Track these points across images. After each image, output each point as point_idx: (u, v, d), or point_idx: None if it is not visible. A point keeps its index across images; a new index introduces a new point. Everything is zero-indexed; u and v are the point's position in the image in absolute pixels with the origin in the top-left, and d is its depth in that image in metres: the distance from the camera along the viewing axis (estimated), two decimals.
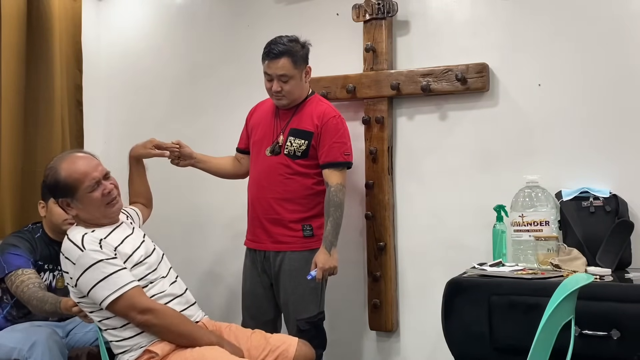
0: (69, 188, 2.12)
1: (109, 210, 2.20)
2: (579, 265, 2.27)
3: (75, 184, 2.12)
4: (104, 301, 2.03)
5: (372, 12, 2.92)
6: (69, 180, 2.12)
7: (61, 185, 2.13)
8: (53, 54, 3.18)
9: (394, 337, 2.97)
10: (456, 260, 2.69)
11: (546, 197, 2.50)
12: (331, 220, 2.57)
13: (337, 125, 2.64)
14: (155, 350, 2.06)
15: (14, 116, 3.01)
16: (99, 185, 2.16)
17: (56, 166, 2.16)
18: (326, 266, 2.52)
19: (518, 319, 2.11)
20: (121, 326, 2.09)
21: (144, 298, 2.08)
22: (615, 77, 2.58)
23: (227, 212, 3.33)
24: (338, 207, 2.58)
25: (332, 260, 2.54)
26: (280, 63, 2.57)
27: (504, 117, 2.76)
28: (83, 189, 2.13)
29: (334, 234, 2.57)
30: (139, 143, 2.63)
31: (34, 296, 2.42)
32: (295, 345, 2.26)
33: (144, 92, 3.60)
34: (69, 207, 2.17)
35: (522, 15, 2.74)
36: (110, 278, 2.03)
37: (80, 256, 2.05)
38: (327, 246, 2.54)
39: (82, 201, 2.14)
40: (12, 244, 2.62)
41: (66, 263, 2.09)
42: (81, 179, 2.13)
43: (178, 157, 2.76)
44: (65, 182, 2.12)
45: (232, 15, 3.37)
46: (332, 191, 2.58)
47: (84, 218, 2.18)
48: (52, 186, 2.16)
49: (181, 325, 2.10)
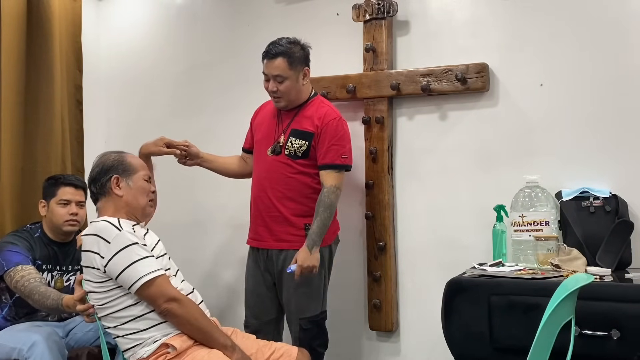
0: (132, 167, 2.29)
1: (148, 207, 2.32)
2: (579, 265, 2.27)
3: (136, 167, 2.31)
4: (135, 283, 2.04)
5: (372, 12, 2.92)
6: (133, 162, 2.31)
7: (125, 163, 2.29)
8: (53, 54, 3.18)
9: (394, 337, 2.98)
10: (456, 260, 2.69)
11: (546, 197, 2.50)
12: (318, 220, 2.57)
13: (336, 128, 2.64)
14: (173, 344, 2.06)
15: (14, 116, 3.01)
16: (148, 179, 2.34)
17: (118, 153, 2.34)
18: (304, 264, 2.52)
19: (518, 319, 2.11)
20: (134, 318, 2.09)
21: (172, 287, 2.13)
22: (615, 77, 2.58)
23: (229, 212, 3.33)
24: (327, 208, 2.58)
25: (311, 259, 2.54)
26: (276, 63, 2.59)
27: (504, 117, 2.76)
28: (140, 175, 2.30)
29: (318, 234, 2.57)
30: (149, 141, 2.66)
31: (35, 290, 2.41)
32: (296, 351, 2.30)
33: (144, 92, 3.60)
34: (117, 186, 2.25)
35: (522, 15, 2.74)
36: (143, 261, 2.08)
37: (118, 235, 2.09)
38: (309, 245, 2.55)
39: (135, 183, 2.27)
40: (10, 242, 2.62)
41: (99, 242, 2.09)
42: (142, 167, 2.34)
43: (185, 157, 2.78)
44: (130, 162, 2.30)
45: (232, 15, 3.37)
46: (324, 192, 2.59)
47: (126, 200, 2.25)
48: (115, 162, 2.28)
49: (202, 320, 2.13)
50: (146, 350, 2.08)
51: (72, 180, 2.76)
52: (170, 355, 2.06)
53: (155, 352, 2.07)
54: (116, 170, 2.26)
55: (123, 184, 2.25)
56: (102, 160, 2.30)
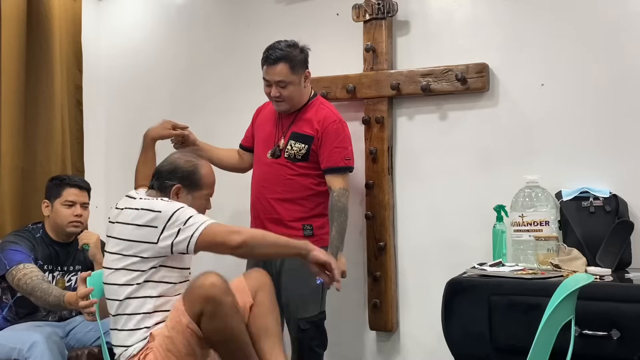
0: (200, 183, 2.29)
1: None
2: (579, 265, 2.27)
3: (205, 184, 2.31)
4: (199, 227, 2.04)
5: (372, 12, 2.92)
6: (205, 178, 2.31)
7: (196, 177, 2.29)
8: (53, 54, 3.18)
9: (394, 337, 2.98)
10: (456, 260, 2.69)
11: (546, 197, 2.50)
12: (336, 226, 2.57)
13: (337, 130, 2.64)
14: (153, 333, 2.08)
15: (14, 116, 3.01)
16: (209, 198, 2.36)
17: (196, 163, 2.32)
18: None
19: (518, 319, 2.10)
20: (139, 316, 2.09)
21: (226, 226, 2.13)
22: (615, 77, 2.58)
23: (229, 211, 3.32)
24: (342, 211, 2.58)
25: (339, 265, 2.54)
26: (278, 69, 2.57)
27: (504, 117, 2.76)
28: (206, 192, 2.32)
29: (339, 239, 2.57)
30: (154, 125, 2.68)
31: (38, 287, 2.41)
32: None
33: (144, 92, 3.60)
34: (177, 196, 2.24)
35: (522, 15, 2.74)
36: (198, 215, 2.11)
37: (167, 204, 2.12)
38: (333, 251, 2.53)
39: (195, 199, 2.28)
40: (12, 241, 2.62)
41: (147, 214, 2.09)
42: (211, 185, 2.35)
43: (182, 143, 2.78)
44: (201, 177, 2.30)
45: (232, 15, 3.37)
46: (334, 196, 2.59)
47: None
48: (187, 173, 2.27)
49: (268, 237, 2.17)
50: (135, 347, 2.09)
51: (77, 182, 2.76)
52: (149, 344, 2.07)
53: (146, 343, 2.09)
54: (186, 181, 2.26)
55: (185, 195, 2.25)
56: (177, 164, 2.29)
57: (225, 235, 2.06)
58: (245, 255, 2.30)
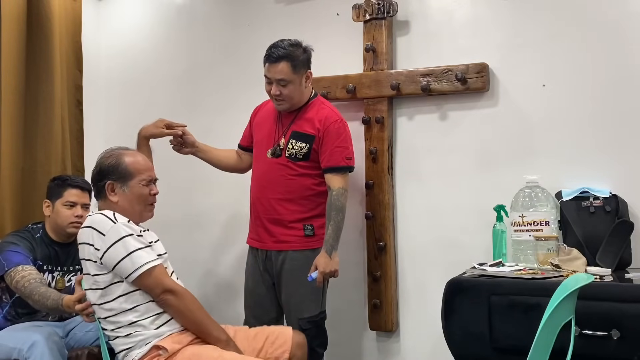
0: (128, 173, 2.22)
1: (146, 211, 2.30)
2: (579, 265, 2.27)
3: (134, 172, 2.23)
4: (133, 273, 2.06)
5: (372, 12, 2.92)
6: (131, 166, 2.23)
7: (121, 168, 2.22)
8: (53, 54, 3.18)
9: (394, 337, 2.98)
10: (456, 260, 2.69)
11: (546, 197, 2.50)
12: (332, 224, 2.57)
13: (338, 130, 2.64)
14: (165, 346, 2.07)
15: (14, 116, 3.01)
16: (150, 184, 2.28)
17: (118, 154, 2.26)
18: (327, 270, 2.53)
19: (518, 319, 2.11)
20: (129, 324, 2.10)
21: (168, 277, 2.15)
22: (615, 77, 2.58)
23: (229, 212, 3.33)
24: (339, 211, 2.58)
25: (332, 263, 2.55)
26: (279, 67, 2.57)
27: (504, 117, 2.76)
28: (138, 179, 2.24)
29: (334, 238, 2.57)
30: (148, 123, 2.68)
31: (35, 291, 2.41)
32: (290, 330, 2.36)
33: (144, 92, 3.60)
34: (112, 192, 2.22)
35: (522, 15, 2.74)
36: (139, 252, 2.09)
37: (113, 227, 2.10)
38: (327, 250, 2.55)
39: (131, 190, 2.23)
40: (11, 242, 2.62)
41: (93, 235, 2.11)
42: (141, 170, 2.25)
43: (181, 144, 2.78)
44: (127, 167, 2.23)
45: (232, 15, 3.37)
46: (333, 195, 2.59)
47: (122, 207, 2.22)
48: (111, 168, 2.22)
49: (197, 312, 2.15)
50: (138, 353, 2.09)
51: (78, 183, 2.76)
52: (161, 357, 2.06)
53: (146, 354, 2.08)
54: (113, 176, 2.22)
55: (119, 189, 2.22)
56: (100, 162, 2.27)
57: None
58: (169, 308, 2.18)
